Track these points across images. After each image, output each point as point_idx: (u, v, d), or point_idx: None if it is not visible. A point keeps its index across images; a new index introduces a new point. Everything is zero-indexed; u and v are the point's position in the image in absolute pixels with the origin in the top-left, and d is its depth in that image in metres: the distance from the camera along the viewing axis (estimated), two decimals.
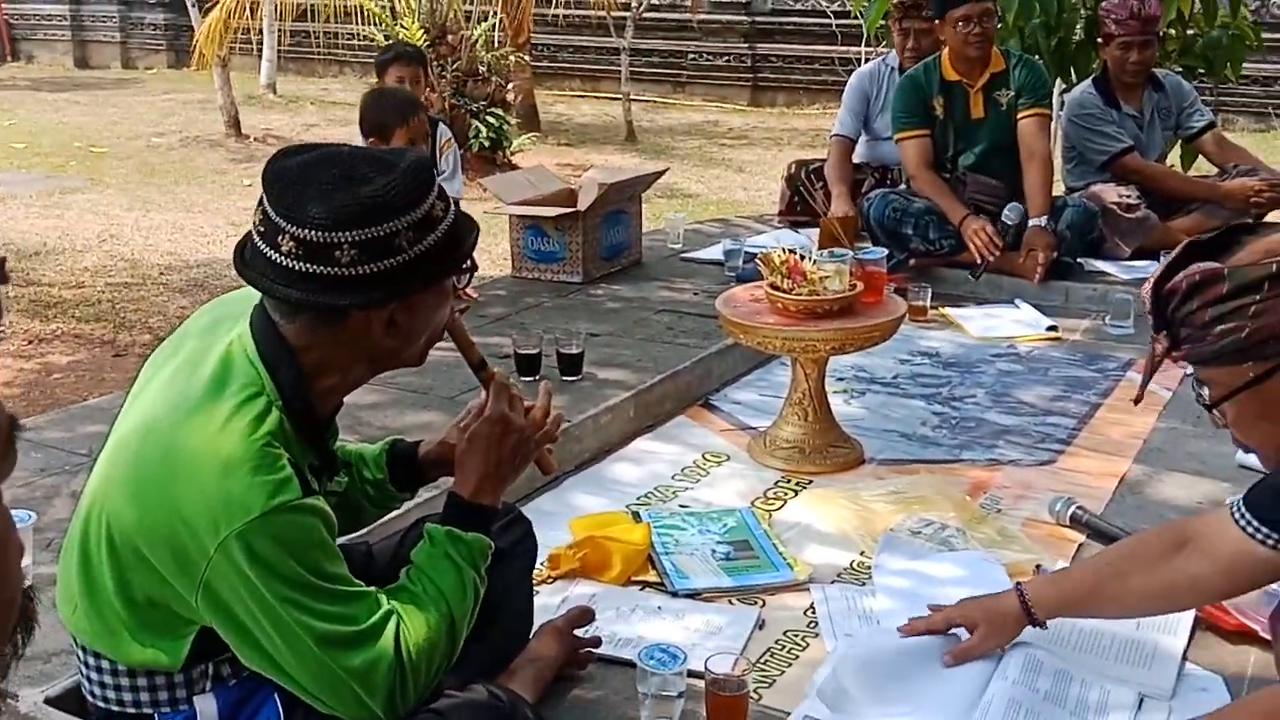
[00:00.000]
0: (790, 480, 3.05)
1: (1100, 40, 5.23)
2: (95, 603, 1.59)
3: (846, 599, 2.42)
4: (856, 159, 5.61)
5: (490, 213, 5.46)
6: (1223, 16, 5.93)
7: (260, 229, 1.57)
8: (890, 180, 5.43)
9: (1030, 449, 3.25)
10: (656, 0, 13.99)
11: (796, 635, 2.31)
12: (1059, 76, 5.95)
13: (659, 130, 12.48)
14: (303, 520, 1.50)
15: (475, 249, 1.69)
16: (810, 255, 3.09)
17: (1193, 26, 5.97)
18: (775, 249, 3.11)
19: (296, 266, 1.53)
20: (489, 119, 9.52)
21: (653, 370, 3.77)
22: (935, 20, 4.83)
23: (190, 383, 1.58)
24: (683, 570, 2.52)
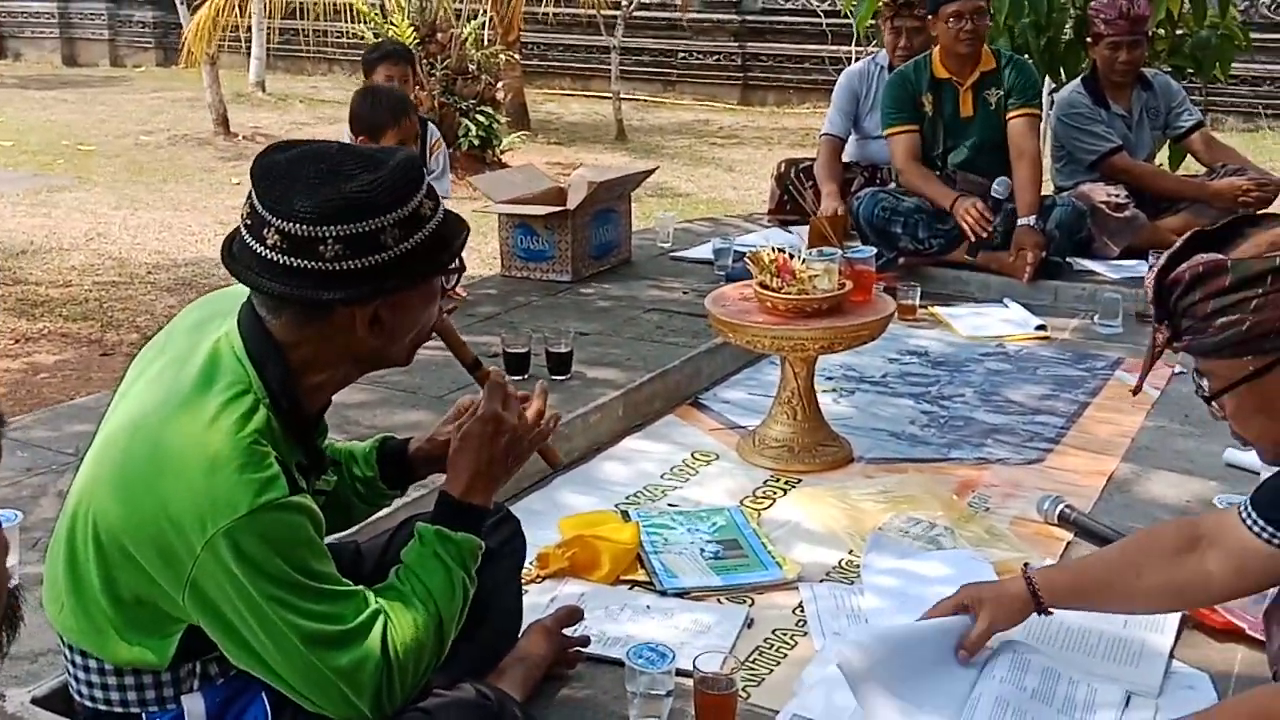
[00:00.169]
0: (779, 479, 3.05)
1: (1089, 40, 5.25)
2: (82, 602, 1.59)
3: (835, 598, 2.43)
4: (846, 158, 5.62)
5: (479, 211, 5.47)
6: (1211, 16, 5.95)
7: (247, 222, 1.56)
8: (880, 179, 5.44)
9: (1018, 448, 3.26)
10: None
11: (785, 634, 2.31)
12: (1048, 76, 5.97)
13: (649, 129, 12.48)
14: (290, 518, 1.50)
15: (464, 249, 1.68)
16: (799, 254, 3.09)
17: (1181, 26, 6.00)
18: (764, 248, 3.11)
19: (281, 260, 1.53)
20: (479, 117, 9.50)
21: (642, 369, 3.77)
22: (928, 16, 4.84)
23: (177, 380, 1.57)
24: (671, 569, 2.52)
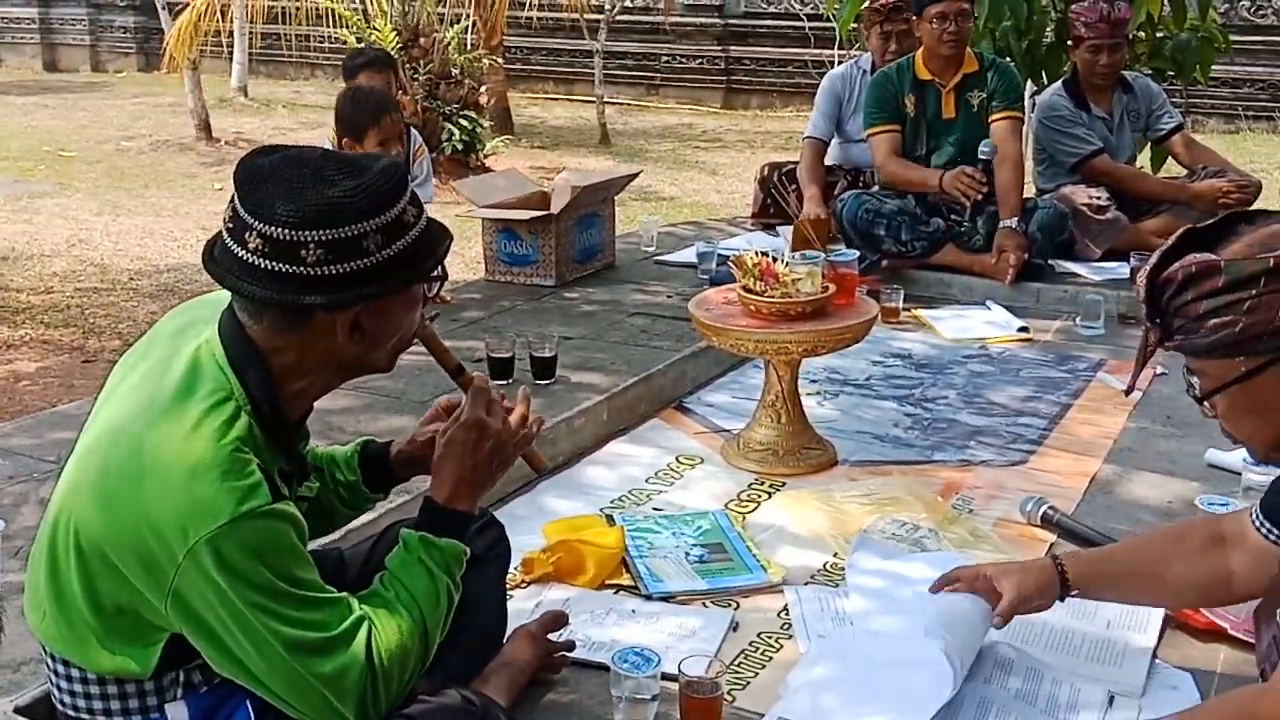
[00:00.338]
0: (764, 482, 3.05)
1: (1070, 43, 5.27)
2: (64, 610, 1.58)
3: (820, 600, 2.43)
4: (829, 161, 5.63)
5: (463, 216, 5.46)
6: (1191, 19, 5.98)
7: (229, 226, 1.56)
8: (862, 182, 5.45)
9: (1002, 449, 3.27)
10: (629, 3, 14.00)
11: (770, 637, 2.32)
12: (1029, 79, 5.99)
13: (632, 133, 12.48)
14: (272, 526, 1.50)
15: (446, 256, 1.68)
16: (782, 257, 3.10)
17: (1162, 29, 6.02)
18: (748, 251, 3.11)
19: (263, 264, 1.52)
20: (462, 122, 9.49)
21: (626, 373, 3.77)
22: (914, 16, 4.84)
23: (158, 387, 1.56)
24: (656, 573, 2.52)
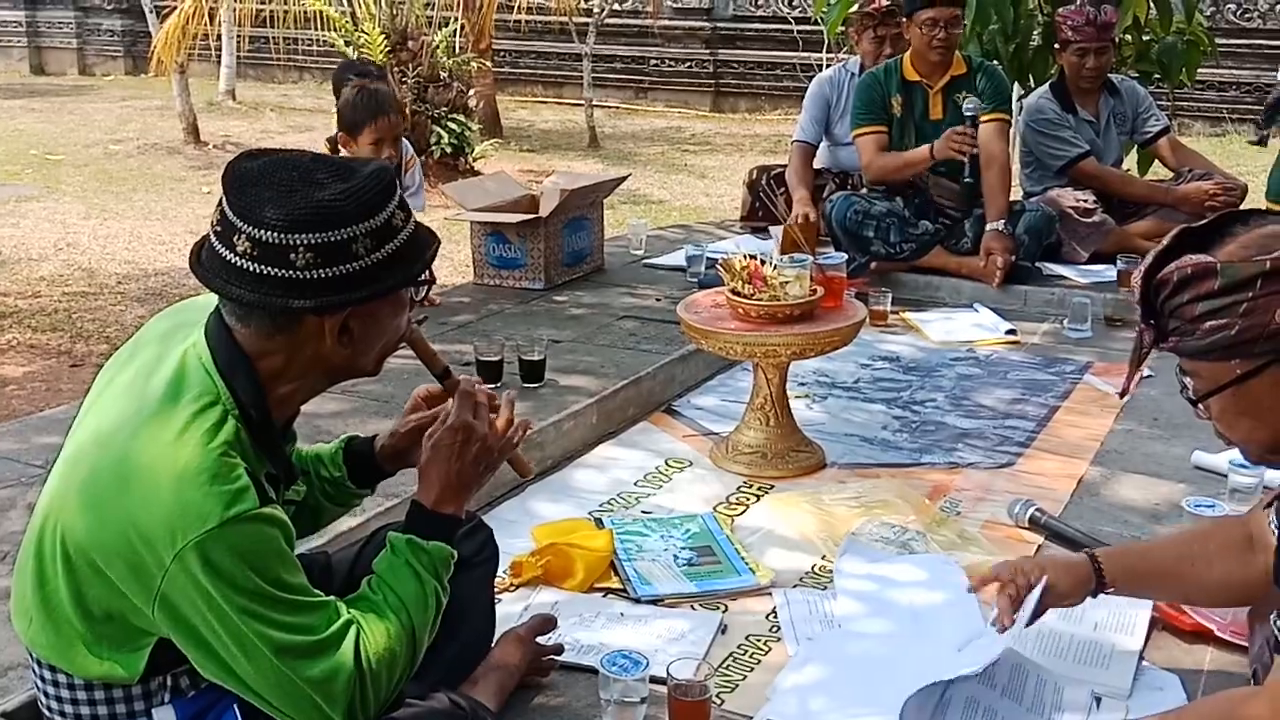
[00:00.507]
0: (752, 485, 3.06)
1: (1057, 46, 5.29)
2: (51, 616, 1.57)
3: (808, 603, 2.43)
4: (817, 164, 5.64)
5: (452, 219, 5.46)
6: (1178, 22, 6.01)
7: (217, 229, 1.55)
8: (851, 185, 5.45)
9: (989, 452, 3.28)
10: (618, 6, 14.02)
11: (759, 640, 2.32)
12: (1017, 82, 6.01)
13: (621, 136, 12.50)
14: (260, 530, 1.49)
15: (434, 261, 1.68)
16: (771, 260, 3.10)
17: (1148, 32, 6.05)
18: (736, 254, 3.11)
19: (251, 268, 1.52)
20: (450, 125, 9.49)
21: (615, 376, 3.77)
22: (905, 18, 4.84)
23: (145, 392, 1.56)
24: (645, 576, 2.52)
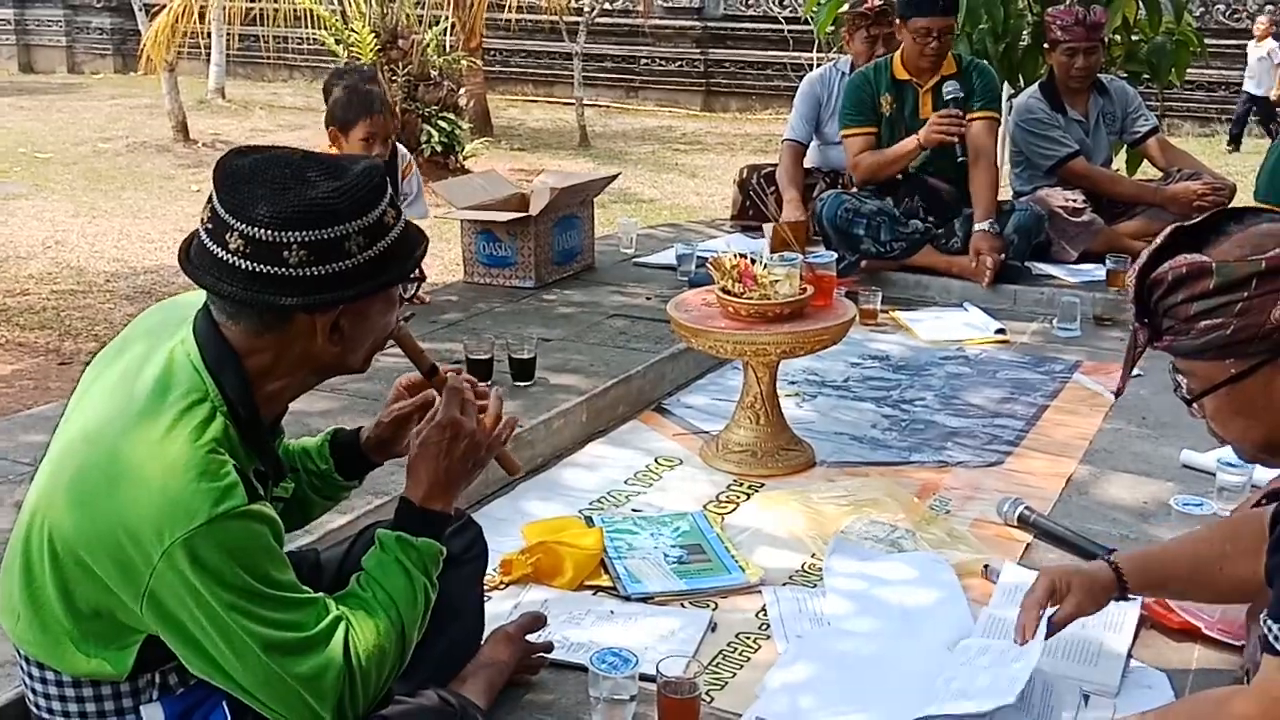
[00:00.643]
0: (742, 483, 3.06)
1: (1046, 46, 5.30)
2: (39, 614, 1.57)
3: (798, 601, 2.44)
4: (807, 164, 5.65)
5: (442, 217, 5.45)
6: (1167, 23, 6.03)
7: (208, 226, 1.55)
8: (841, 184, 5.46)
9: (978, 450, 3.29)
10: (609, 5, 14.02)
11: (748, 637, 2.32)
12: (1006, 82, 6.02)
13: (612, 135, 12.50)
14: (249, 527, 1.49)
15: (424, 258, 1.68)
16: (761, 259, 3.11)
17: (1137, 32, 6.07)
18: (726, 253, 3.12)
19: (243, 265, 1.52)
20: (441, 123, 9.49)
21: (605, 375, 3.77)
22: (898, 19, 4.84)
23: (133, 389, 1.56)
24: (635, 574, 2.53)
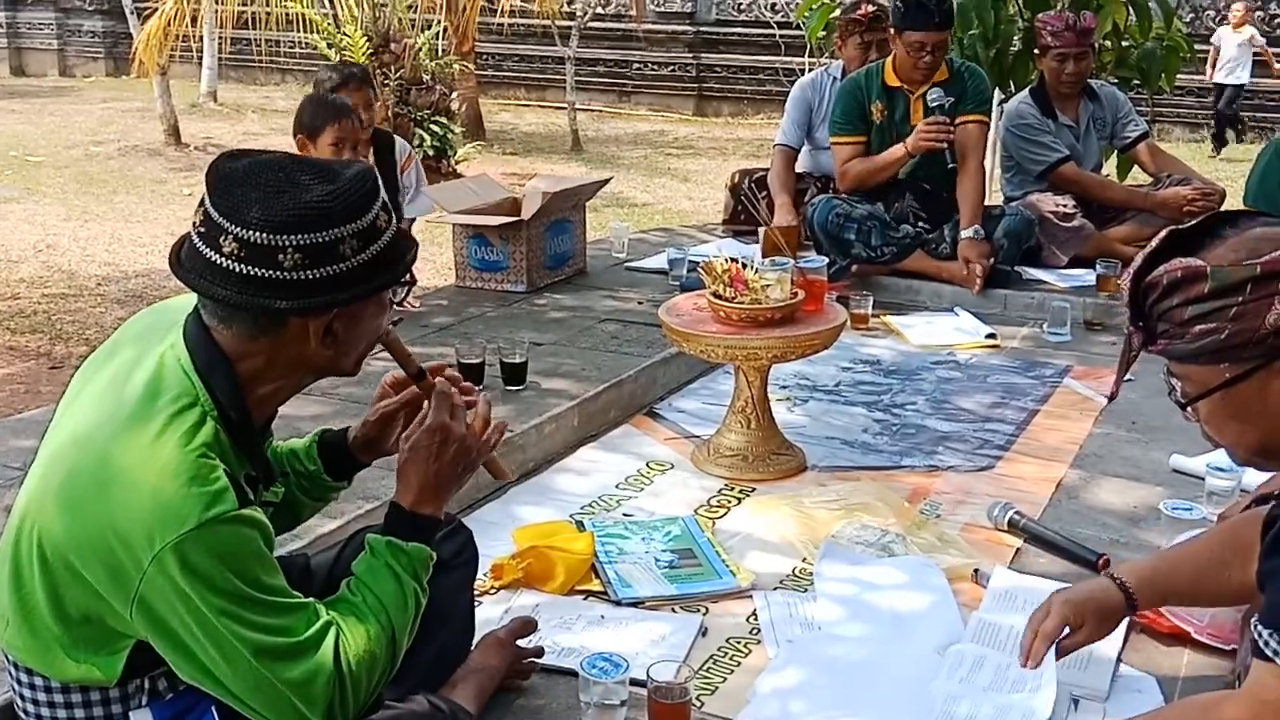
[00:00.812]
0: (733, 488, 3.06)
1: (1037, 52, 5.31)
2: (28, 619, 1.57)
3: (788, 606, 2.44)
4: (799, 168, 5.65)
5: (434, 221, 5.45)
6: (1157, 28, 6.05)
7: (201, 230, 1.54)
8: (832, 189, 5.46)
9: (969, 455, 3.29)
10: (601, 9, 14.03)
11: (739, 642, 2.32)
12: (997, 87, 6.03)
13: (604, 139, 12.51)
14: (239, 532, 1.49)
15: (415, 261, 1.68)
16: (752, 264, 3.11)
17: (1127, 38, 6.08)
18: (718, 258, 3.12)
19: (237, 268, 1.52)
20: (433, 128, 9.50)
21: (596, 379, 3.77)
22: (892, 29, 4.83)
23: (123, 393, 1.55)
24: (626, 579, 2.53)
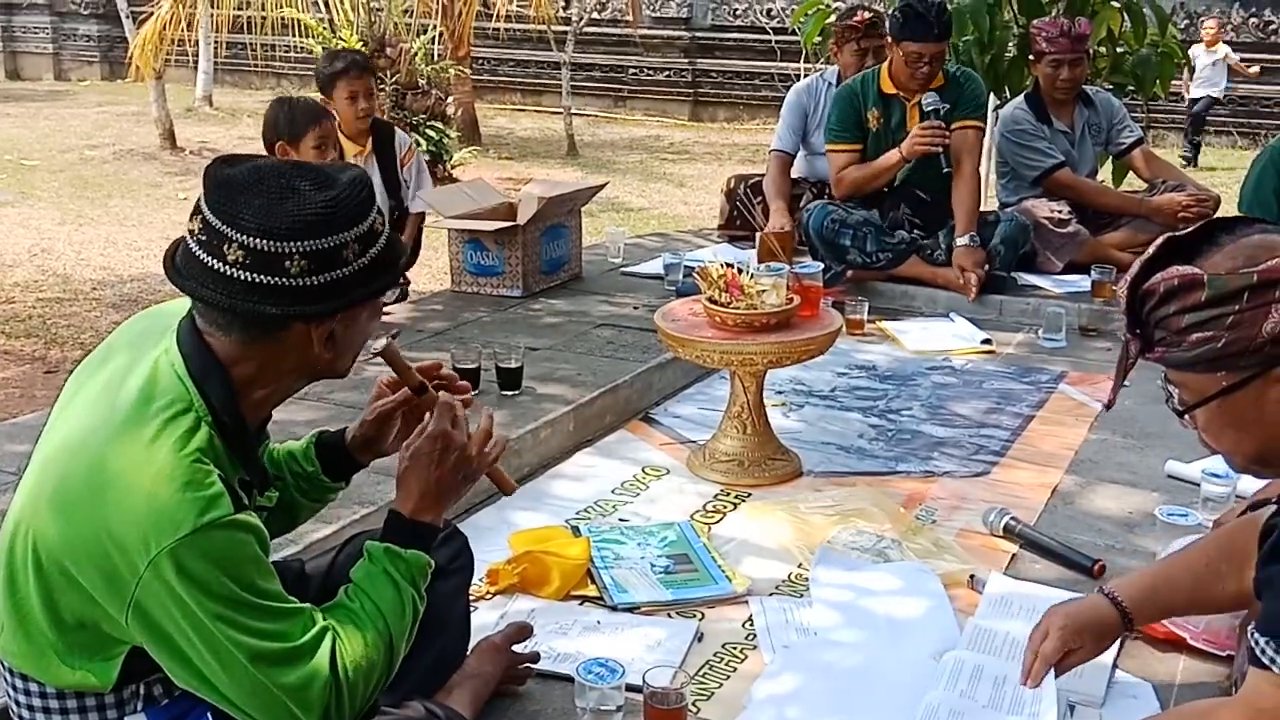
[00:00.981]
0: (729, 493, 3.06)
1: (1031, 58, 5.32)
2: (23, 625, 1.56)
3: (784, 611, 2.44)
4: (794, 174, 5.66)
5: (430, 226, 5.45)
6: (1151, 35, 6.06)
7: (201, 237, 1.53)
8: (827, 195, 5.47)
9: (965, 461, 3.29)
10: (597, 15, 14.04)
11: (735, 648, 2.32)
12: (992, 93, 6.04)
13: (600, 144, 12.51)
14: (235, 536, 1.49)
15: (410, 265, 1.69)
16: (748, 269, 3.11)
17: (1122, 44, 6.10)
18: (713, 263, 3.12)
19: (242, 276, 1.51)
20: (429, 132, 9.50)
21: (592, 384, 3.77)
22: (889, 37, 4.84)
23: (117, 398, 1.55)
24: (622, 584, 2.52)
